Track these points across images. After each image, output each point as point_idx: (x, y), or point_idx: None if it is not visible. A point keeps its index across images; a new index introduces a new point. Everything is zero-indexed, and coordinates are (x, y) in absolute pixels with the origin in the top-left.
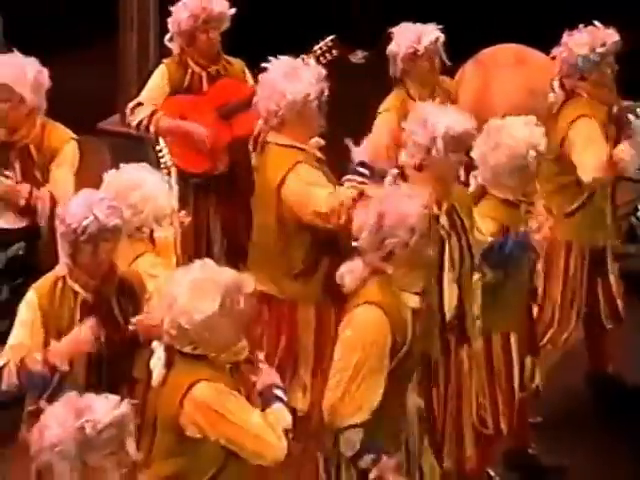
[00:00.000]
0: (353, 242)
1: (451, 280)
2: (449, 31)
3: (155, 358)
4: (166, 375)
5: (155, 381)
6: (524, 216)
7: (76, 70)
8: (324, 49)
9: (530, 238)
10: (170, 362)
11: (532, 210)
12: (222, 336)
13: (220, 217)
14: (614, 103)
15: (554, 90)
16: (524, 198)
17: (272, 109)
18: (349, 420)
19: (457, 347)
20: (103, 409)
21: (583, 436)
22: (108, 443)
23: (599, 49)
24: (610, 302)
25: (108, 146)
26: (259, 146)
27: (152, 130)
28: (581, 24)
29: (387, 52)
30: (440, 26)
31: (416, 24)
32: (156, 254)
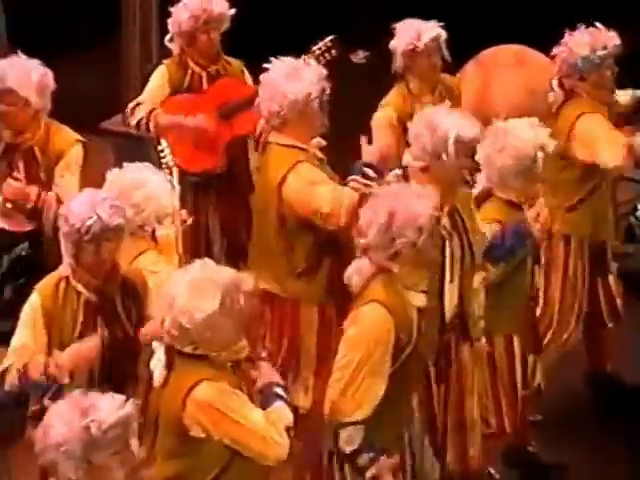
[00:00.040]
0: (361, 240)
1: (451, 280)
2: (449, 31)
3: (155, 359)
4: (167, 376)
5: (156, 382)
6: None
7: (79, 70)
8: (323, 49)
9: (529, 228)
10: (171, 363)
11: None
12: (223, 335)
13: (219, 216)
14: (613, 105)
15: (553, 89)
16: (528, 199)
17: (274, 109)
18: (350, 417)
19: (458, 347)
20: (108, 408)
21: (582, 434)
22: (113, 442)
23: (600, 52)
24: (610, 302)
25: (111, 146)
26: (261, 146)
27: (151, 128)
28: (581, 24)
29: (389, 47)
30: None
31: (419, 21)
32: (158, 252)
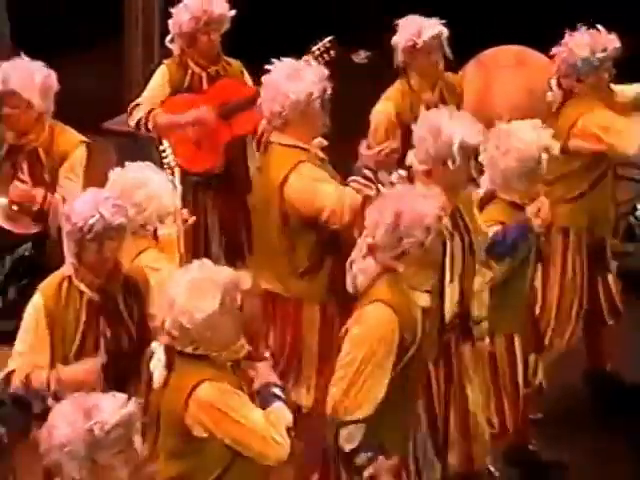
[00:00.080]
0: (368, 240)
1: (451, 280)
2: (451, 30)
3: (155, 359)
4: (167, 377)
5: (156, 383)
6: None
7: (81, 70)
8: (322, 50)
9: (530, 224)
10: (170, 363)
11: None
12: (223, 334)
13: (218, 215)
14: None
15: (552, 89)
16: (530, 200)
17: (276, 110)
18: (351, 415)
19: (458, 347)
20: (110, 408)
21: (582, 433)
22: (116, 442)
23: (599, 54)
24: (610, 300)
25: (114, 146)
26: (262, 146)
27: (150, 127)
28: (581, 25)
29: (391, 43)
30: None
31: (421, 18)
32: (159, 251)
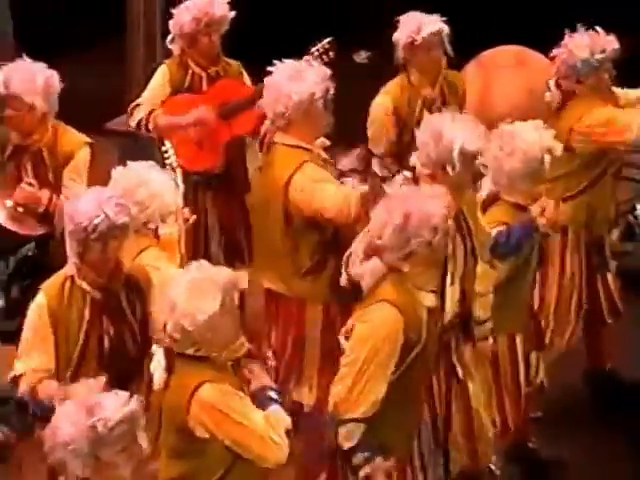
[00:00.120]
0: (377, 241)
1: (452, 282)
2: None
3: (155, 362)
4: (167, 379)
5: (157, 385)
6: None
7: (84, 70)
8: (321, 51)
9: (535, 223)
10: (171, 365)
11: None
12: (223, 334)
13: (217, 214)
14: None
15: (550, 89)
16: (533, 201)
17: (279, 111)
18: (352, 413)
19: (458, 347)
20: (113, 406)
21: (582, 431)
22: (119, 439)
23: (598, 55)
24: (610, 299)
25: (116, 146)
26: (265, 146)
27: (151, 128)
28: (580, 25)
29: (392, 39)
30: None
31: (422, 14)
32: (160, 249)
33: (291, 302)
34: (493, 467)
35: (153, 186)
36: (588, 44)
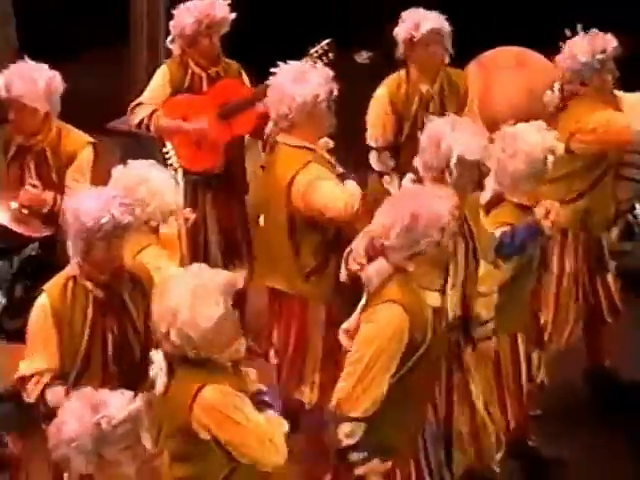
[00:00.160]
0: (384, 241)
1: (453, 285)
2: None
3: (155, 366)
4: (168, 383)
5: (158, 389)
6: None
7: (86, 70)
8: (320, 52)
9: (539, 225)
10: (171, 370)
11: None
12: (224, 337)
13: (216, 214)
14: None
15: (553, 91)
16: (537, 201)
17: (283, 112)
18: (355, 411)
19: (459, 348)
20: (118, 404)
21: (581, 429)
22: (123, 438)
23: (599, 55)
24: (609, 298)
25: (118, 146)
26: (268, 147)
27: (152, 129)
28: (580, 25)
29: (393, 34)
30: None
31: (424, 11)
32: (161, 248)
33: (294, 301)
34: (493, 465)
35: (153, 184)
36: (588, 47)
